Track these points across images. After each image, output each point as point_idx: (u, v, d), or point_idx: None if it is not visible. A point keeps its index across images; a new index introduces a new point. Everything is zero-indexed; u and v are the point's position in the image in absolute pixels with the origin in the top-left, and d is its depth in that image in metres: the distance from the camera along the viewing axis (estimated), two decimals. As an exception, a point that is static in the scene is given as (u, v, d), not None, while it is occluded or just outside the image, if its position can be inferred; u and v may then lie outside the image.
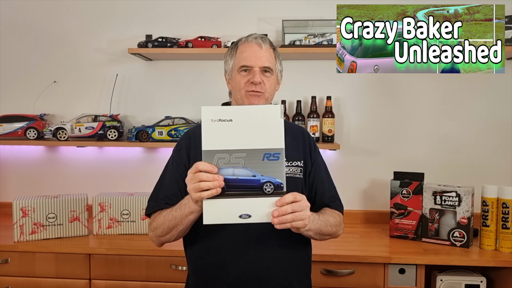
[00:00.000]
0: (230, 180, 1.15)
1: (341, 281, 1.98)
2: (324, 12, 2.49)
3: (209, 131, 1.15)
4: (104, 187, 2.58)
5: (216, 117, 1.14)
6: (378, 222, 2.50)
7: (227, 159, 1.15)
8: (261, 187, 1.16)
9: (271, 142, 1.16)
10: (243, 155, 1.15)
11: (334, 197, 1.52)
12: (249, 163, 1.15)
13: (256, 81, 1.36)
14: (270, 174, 1.16)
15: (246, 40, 1.41)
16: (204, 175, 1.14)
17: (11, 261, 2.07)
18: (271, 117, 1.16)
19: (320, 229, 1.35)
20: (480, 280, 2.00)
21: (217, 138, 1.15)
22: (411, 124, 2.51)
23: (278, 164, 1.16)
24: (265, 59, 1.38)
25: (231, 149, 1.15)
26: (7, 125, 2.46)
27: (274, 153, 1.16)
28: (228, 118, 1.15)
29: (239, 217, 1.17)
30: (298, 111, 2.46)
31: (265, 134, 1.16)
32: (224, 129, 1.15)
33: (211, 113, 1.15)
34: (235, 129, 1.15)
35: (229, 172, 1.15)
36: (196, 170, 1.15)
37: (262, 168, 1.16)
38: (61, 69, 2.62)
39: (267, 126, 1.16)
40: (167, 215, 1.33)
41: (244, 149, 1.15)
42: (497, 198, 2.04)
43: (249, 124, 1.16)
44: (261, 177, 1.16)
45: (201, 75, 2.58)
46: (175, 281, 2.03)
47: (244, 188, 1.16)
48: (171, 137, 2.40)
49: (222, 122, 1.14)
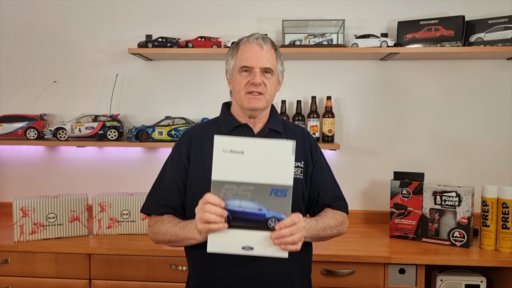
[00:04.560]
0: (236, 212, 1.18)
1: (341, 281, 1.98)
2: (324, 12, 2.49)
3: (220, 161, 1.16)
4: (104, 187, 2.58)
5: (228, 148, 1.16)
6: (378, 222, 2.50)
7: (235, 190, 1.17)
8: (266, 222, 1.19)
9: (280, 178, 1.18)
10: (251, 188, 1.17)
11: (337, 196, 1.52)
12: (256, 196, 1.17)
13: (257, 82, 1.36)
14: (276, 209, 1.18)
15: (247, 40, 1.40)
16: (212, 208, 1.17)
17: (11, 261, 2.07)
18: (282, 153, 1.17)
19: (318, 235, 1.38)
20: (480, 280, 2.00)
21: (227, 169, 1.17)
22: (411, 124, 2.51)
23: (284, 200, 1.18)
24: (266, 60, 1.37)
25: (239, 182, 1.17)
26: (7, 125, 2.46)
27: (282, 189, 1.18)
28: (240, 150, 1.16)
29: (242, 249, 1.20)
30: (298, 111, 2.46)
31: (274, 169, 1.17)
32: (235, 160, 1.16)
33: (223, 143, 1.16)
34: (245, 161, 1.16)
35: (236, 203, 1.17)
36: (205, 202, 1.18)
37: (268, 202, 1.18)
38: (61, 69, 2.62)
39: (277, 161, 1.17)
40: (170, 229, 1.35)
41: (252, 183, 1.17)
42: (497, 198, 2.04)
43: (260, 158, 1.17)
44: (267, 211, 1.18)
45: (201, 75, 2.58)
46: (175, 281, 2.03)
47: (249, 221, 1.18)
48: (171, 137, 2.40)
49: (233, 153, 1.16)
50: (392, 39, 2.32)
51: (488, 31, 2.27)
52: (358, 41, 2.30)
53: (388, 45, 2.29)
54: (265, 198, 1.17)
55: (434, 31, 2.31)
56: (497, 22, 2.26)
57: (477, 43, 2.30)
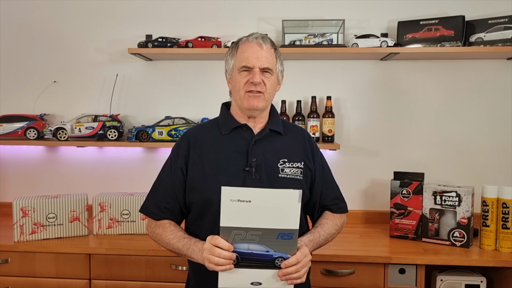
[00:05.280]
0: (244, 254, 1.22)
1: (341, 281, 1.98)
2: (324, 12, 2.49)
3: (228, 209, 1.19)
4: (104, 187, 2.58)
5: (235, 197, 1.18)
6: (378, 222, 2.50)
7: (243, 235, 1.20)
8: (273, 261, 1.23)
9: (287, 223, 1.21)
10: (259, 233, 1.20)
11: (338, 198, 1.54)
12: (263, 240, 1.21)
13: (256, 81, 1.36)
14: (282, 250, 1.23)
15: (247, 39, 1.40)
16: (221, 253, 1.20)
17: (11, 261, 2.07)
18: (289, 201, 1.20)
19: (319, 245, 1.44)
20: (480, 280, 2.00)
21: (235, 217, 1.19)
22: (411, 124, 2.51)
23: (291, 243, 1.23)
24: (265, 59, 1.37)
25: (247, 227, 1.20)
26: (7, 125, 2.46)
27: (288, 233, 1.21)
28: (247, 199, 1.19)
29: (250, 284, 1.26)
30: (298, 111, 2.46)
31: (281, 215, 1.20)
32: (242, 208, 1.18)
33: (231, 193, 1.18)
34: (253, 209, 1.19)
35: (244, 247, 1.21)
36: (214, 244, 1.21)
37: (275, 245, 1.22)
38: (61, 69, 2.62)
39: (284, 208, 1.20)
40: (172, 242, 1.39)
41: (260, 228, 1.20)
42: (497, 198, 2.04)
43: (267, 206, 1.19)
44: (274, 253, 1.23)
45: (201, 75, 2.58)
46: (175, 281, 2.03)
47: (257, 261, 1.23)
48: (171, 137, 2.40)
49: (240, 202, 1.18)
50: (392, 39, 2.32)
51: (488, 31, 2.27)
52: (358, 41, 2.30)
53: (388, 45, 2.29)
54: (272, 242, 1.22)
55: (434, 31, 2.31)
56: (497, 22, 2.26)
57: (477, 43, 2.30)
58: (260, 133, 1.44)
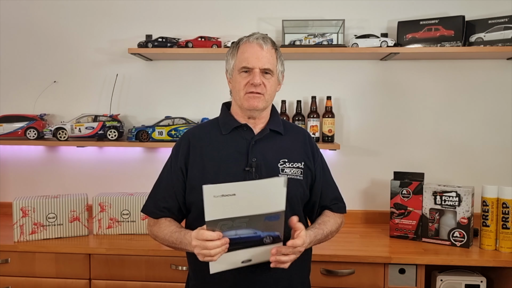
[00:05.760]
0: (233, 239, 1.20)
1: (341, 281, 1.98)
2: (324, 12, 2.49)
3: (211, 205, 1.15)
4: (104, 187, 2.58)
5: (218, 193, 1.14)
6: (378, 222, 2.50)
7: (230, 225, 1.18)
8: (261, 240, 1.23)
9: (273, 207, 1.20)
10: (246, 220, 1.19)
11: (337, 198, 1.55)
12: (251, 225, 1.20)
13: (256, 82, 1.36)
14: (270, 230, 1.22)
15: (247, 40, 1.40)
16: (212, 245, 1.18)
17: (11, 261, 2.07)
18: (274, 188, 1.19)
19: (319, 241, 1.44)
20: (480, 280, 2.00)
21: (220, 210, 1.16)
22: (411, 124, 2.51)
23: (278, 223, 1.22)
24: (266, 60, 1.37)
25: (234, 217, 1.17)
26: (7, 125, 2.46)
27: (275, 215, 1.20)
28: (231, 193, 1.15)
29: (241, 263, 1.26)
30: (298, 111, 2.46)
31: (268, 202, 1.19)
32: (227, 202, 1.15)
33: (213, 191, 1.14)
34: (238, 201, 1.16)
35: (232, 233, 1.19)
36: (202, 239, 1.18)
37: (263, 226, 1.21)
38: (61, 69, 2.62)
39: (270, 195, 1.19)
40: (166, 237, 1.39)
41: (246, 216, 1.18)
42: (497, 198, 2.04)
43: (253, 196, 1.17)
44: (262, 233, 1.22)
45: (201, 75, 2.58)
46: (175, 281, 2.03)
47: (246, 243, 1.22)
48: (171, 137, 2.40)
49: (224, 197, 1.14)
50: (392, 39, 2.32)
51: (488, 31, 2.27)
52: (358, 41, 2.30)
53: (388, 45, 2.29)
54: (259, 224, 1.21)
55: (434, 31, 2.31)
56: (497, 22, 2.26)
57: (477, 43, 2.30)
58: (261, 133, 1.44)
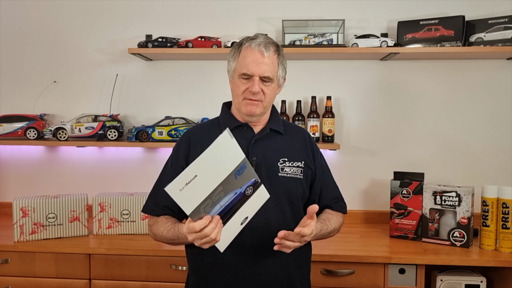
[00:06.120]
0: (221, 211, 1.20)
1: (341, 281, 1.98)
2: (324, 12, 2.49)
3: (183, 199, 1.13)
4: (104, 187, 2.58)
5: (182, 185, 1.11)
6: (378, 222, 2.50)
7: (210, 203, 1.17)
8: (245, 195, 1.23)
9: (234, 160, 1.19)
10: (221, 189, 1.18)
11: (337, 197, 1.55)
12: (227, 189, 1.19)
13: (255, 91, 1.36)
14: (245, 181, 1.22)
15: (249, 45, 1.38)
16: (206, 231, 1.16)
17: (11, 261, 2.07)
18: (224, 144, 1.18)
19: (322, 236, 1.43)
20: (480, 280, 2.00)
21: (194, 197, 1.14)
22: (411, 124, 2.51)
23: (248, 171, 1.22)
24: (266, 68, 1.36)
25: (209, 194, 1.16)
26: (7, 125, 2.46)
27: (241, 167, 1.20)
28: (192, 177, 1.12)
29: (241, 225, 1.26)
30: (298, 111, 2.46)
31: (227, 159, 1.18)
32: (195, 186, 1.13)
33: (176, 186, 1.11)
34: (203, 179, 1.14)
35: (217, 208, 1.19)
36: (195, 231, 1.17)
37: (238, 183, 1.21)
38: (61, 69, 2.62)
39: (225, 152, 1.18)
40: (164, 234, 1.39)
41: (218, 185, 1.17)
42: (497, 198, 2.04)
43: (211, 165, 1.15)
44: (241, 188, 1.22)
45: (201, 75, 2.58)
46: (175, 281, 2.03)
47: (233, 207, 1.22)
48: (171, 137, 2.40)
49: (189, 184, 1.12)
50: (392, 39, 2.32)
51: (488, 31, 2.27)
52: (358, 41, 2.30)
53: (388, 45, 2.29)
54: (233, 183, 1.20)
55: (434, 31, 2.31)
56: (497, 22, 2.26)
57: (477, 43, 2.30)
58: (261, 132, 1.44)
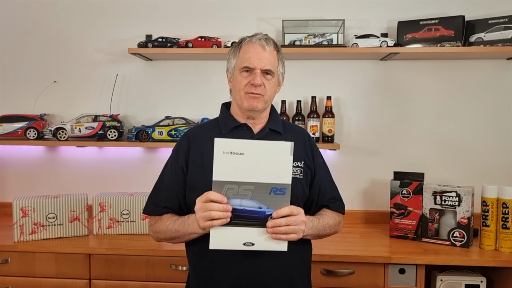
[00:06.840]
0: (237, 210, 1.21)
1: (341, 281, 1.98)
2: (324, 12, 2.49)
3: (220, 162, 1.19)
4: (104, 187, 2.58)
5: (228, 150, 1.18)
6: (378, 222, 2.50)
7: (235, 190, 1.20)
8: (265, 218, 1.22)
9: (279, 177, 1.21)
10: (251, 188, 1.20)
11: (335, 197, 1.54)
12: (256, 195, 1.20)
13: (257, 83, 1.36)
14: (275, 207, 1.22)
15: (250, 40, 1.40)
16: (215, 206, 1.19)
17: (11, 261, 2.07)
18: (281, 154, 1.20)
19: (318, 233, 1.42)
20: (480, 280, 2.00)
21: (228, 170, 1.19)
22: (411, 124, 2.51)
23: (283, 198, 1.22)
24: (267, 61, 1.38)
25: (240, 181, 1.19)
26: (7, 125, 2.46)
27: (281, 188, 1.21)
28: (239, 151, 1.19)
29: (243, 245, 1.24)
30: (298, 111, 2.46)
31: (274, 169, 1.20)
32: (235, 161, 1.19)
33: (223, 145, 1.19)
34: (245, 162, 1.19)
35: (237, 202, 1.20)
36: (207, 200, 1.20)
37: (268, 201, 1.21)
38: (61, 69, 2.62)
39: (276, 161, 1.20)
40: (170, 226, 1.38)
41: (252, 182, 1.20)
42: (497, 198, 2.04)
43: (259, 158, 1.20)
44: (267, 209, 1.22)
45: (201, 75, 2.58)
46: (175, 281, 2.03)
47: (249, 219, 1.22)
48: (171, 137, 2.40)
49: (233, 155, 1.18)
50: (392, 39, 2.32)
51: (488, 31, 2.27)
52: (358, 41, 2.30)
53: (388, 45, 2.29)
54: (264, 197, 1.21)
55: (434, 31, 2.31)
56: (497, 22, 2.26)
57: (477, 43, 2.30)
58: (260, 133, 1.44)
